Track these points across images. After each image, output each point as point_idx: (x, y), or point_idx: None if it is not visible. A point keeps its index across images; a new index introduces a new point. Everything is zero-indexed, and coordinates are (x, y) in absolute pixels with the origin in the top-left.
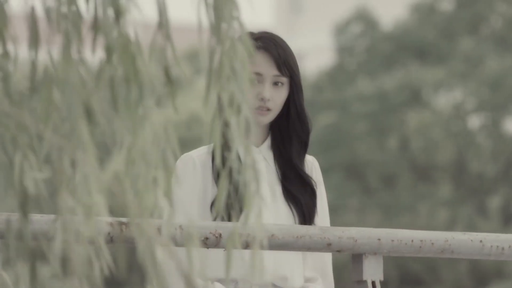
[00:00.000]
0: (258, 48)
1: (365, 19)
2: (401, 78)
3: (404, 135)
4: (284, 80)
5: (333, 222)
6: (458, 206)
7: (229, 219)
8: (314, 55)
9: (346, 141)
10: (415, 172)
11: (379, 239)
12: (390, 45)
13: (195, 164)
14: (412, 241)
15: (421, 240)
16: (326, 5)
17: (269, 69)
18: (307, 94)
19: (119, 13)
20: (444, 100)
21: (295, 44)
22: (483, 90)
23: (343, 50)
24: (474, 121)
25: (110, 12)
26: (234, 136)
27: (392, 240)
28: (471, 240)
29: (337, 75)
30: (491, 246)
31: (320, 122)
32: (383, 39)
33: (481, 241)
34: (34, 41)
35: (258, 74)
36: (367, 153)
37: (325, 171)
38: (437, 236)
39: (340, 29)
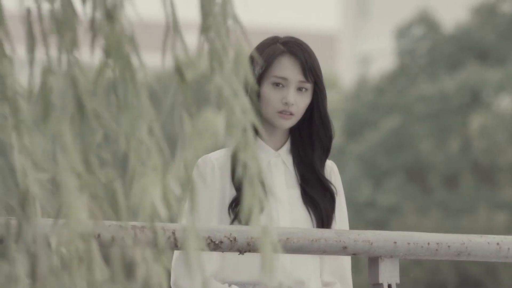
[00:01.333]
0: (284, 52)
1: (426, 21)
2: (462, 80)
3: (465, 137)
4: (308, 86)
5: (394, 224)
6: None
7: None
8: (379, 58)
9: (408, 143)
10: (477, 174)
11: (395, 242)
12: (451, 47)
13: (213, 166)
14: (429, 243)
15: (437, 243)
16: (391, 9)
17: (294, 74)
18: (370, 97)
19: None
20: (506, 101)
21: (360, 48)
22: None
23: (405, 53)
24: None
25: (106, 12)
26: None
27: (408, 243)
28: (488, 243)
29: (399, 78)
30: (508, 249)
31: (383, 126)
32: (444, 41)
33: (498, 243)
34: (31, 42)
35: (283, 78)
36: (428, 155)
37: (387, 173)
38: (454, 239)
39: (402, 32)
